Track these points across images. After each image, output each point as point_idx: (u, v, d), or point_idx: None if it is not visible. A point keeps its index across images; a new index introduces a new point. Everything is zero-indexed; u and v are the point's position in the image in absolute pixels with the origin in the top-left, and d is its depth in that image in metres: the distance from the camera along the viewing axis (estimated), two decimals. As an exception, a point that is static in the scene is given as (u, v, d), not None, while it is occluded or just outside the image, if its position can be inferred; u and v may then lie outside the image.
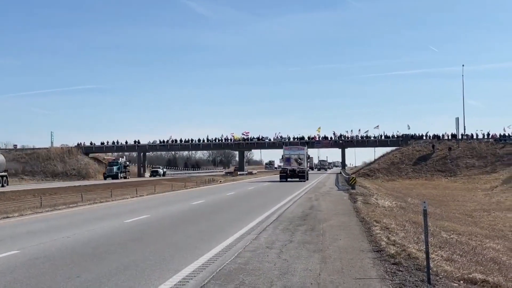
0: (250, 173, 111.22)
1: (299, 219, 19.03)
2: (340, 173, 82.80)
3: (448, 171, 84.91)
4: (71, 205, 27.91)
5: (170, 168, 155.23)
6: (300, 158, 64.21)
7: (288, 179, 62.10)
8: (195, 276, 9.36)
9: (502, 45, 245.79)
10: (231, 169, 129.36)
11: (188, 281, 8.96)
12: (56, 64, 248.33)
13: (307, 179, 63.11)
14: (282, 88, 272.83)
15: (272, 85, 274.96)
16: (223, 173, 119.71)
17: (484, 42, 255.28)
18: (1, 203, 31.91)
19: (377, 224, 16.86)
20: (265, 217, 19.75)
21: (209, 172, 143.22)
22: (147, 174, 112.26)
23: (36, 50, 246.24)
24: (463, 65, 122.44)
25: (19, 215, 23.06)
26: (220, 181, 71.59)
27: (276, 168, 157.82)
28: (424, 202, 9.75)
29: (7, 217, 22.13)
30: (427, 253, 9.31)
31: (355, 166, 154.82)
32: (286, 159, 64.90)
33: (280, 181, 60.73)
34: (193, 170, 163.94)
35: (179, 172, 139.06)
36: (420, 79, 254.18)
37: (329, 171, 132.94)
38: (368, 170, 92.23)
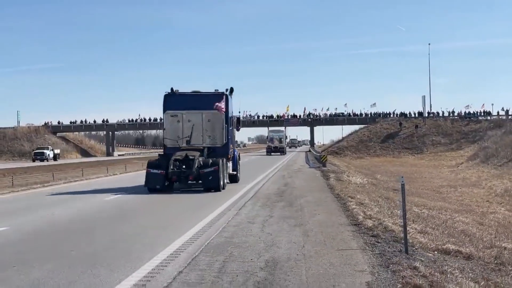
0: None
1: (276, 196, 19.53)
2: (309, 151, 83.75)
3: (415, 148, 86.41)
4: (45, 184, 27.99)
5: (138, 147, 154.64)
6: (280, 138, 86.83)
7: (272, 153, 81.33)
8: (185, 249, 9.77)
9: (468, 24, 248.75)
10: None
11: (179, 254, 9.36)
12: (19, 42, 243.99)
13: (285, 153, 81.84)
14: (250, 66, 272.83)
15: (240, 64, 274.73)
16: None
17: (450, 21, 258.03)
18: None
19: (352, 199, 17.42)
20: (242, 195, 20.19)
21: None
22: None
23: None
24: (429, 44, 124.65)
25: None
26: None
27: None
28: (402, 177, 10.28)
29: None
30: (404, 225, 9.85)
31: (323, 144, 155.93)
32: (270, 139, 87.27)
33: (266, 155, 79.53)
34: (161, 149, 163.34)
35: (148, 151, 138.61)
36: (388, 57, 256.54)
37: (298, 149, 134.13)
38: (337, 148, 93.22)
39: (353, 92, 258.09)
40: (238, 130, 27.13)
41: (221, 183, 21.62)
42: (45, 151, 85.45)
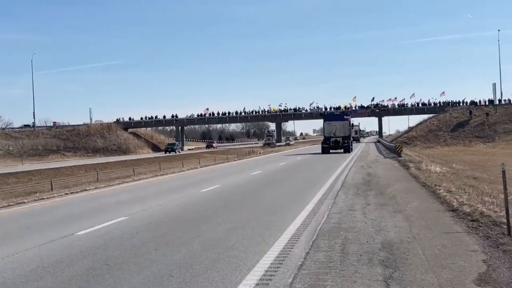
0: (288, 144, 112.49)
1: (363, 185, 20.24)
2: (379, 141, 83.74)
3: (486, 137, 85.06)
4: (138, 178, 29.49)
5: (205, 141, 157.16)
6: (356, 131, 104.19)
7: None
8: (301, 234, 10.66)
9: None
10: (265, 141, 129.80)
11: (298, 238, 10.26)
12: (86, 41, 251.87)
13: (360, 142, 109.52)
14: (316, 57, 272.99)
15: (306, 55, 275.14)
16: (261, 144, 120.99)
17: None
18: (59, 179, 33.68)
19: (439, 187, 17.91)
20: (330, 184, 21.03)
21: (243, 144, 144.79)
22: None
23: (66, 26, 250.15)
24: (498, 30, 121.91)
25: (94, 188, 24.72)
26: (260, 153, 72.92)
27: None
28: (503, 164, 10.88)
29: (85, 190, 23.81)
30: (506, 208, 10.44)
31: (390, 134, 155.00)
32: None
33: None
34: (228, 142, 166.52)
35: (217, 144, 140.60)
36: (456, 45, 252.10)
37: (366, 139, 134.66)
38: (406, 138, 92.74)
39: (420, 81, 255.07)
40: (352, 128, 67.66)
41: (350, 150, 57.24)
42: None
